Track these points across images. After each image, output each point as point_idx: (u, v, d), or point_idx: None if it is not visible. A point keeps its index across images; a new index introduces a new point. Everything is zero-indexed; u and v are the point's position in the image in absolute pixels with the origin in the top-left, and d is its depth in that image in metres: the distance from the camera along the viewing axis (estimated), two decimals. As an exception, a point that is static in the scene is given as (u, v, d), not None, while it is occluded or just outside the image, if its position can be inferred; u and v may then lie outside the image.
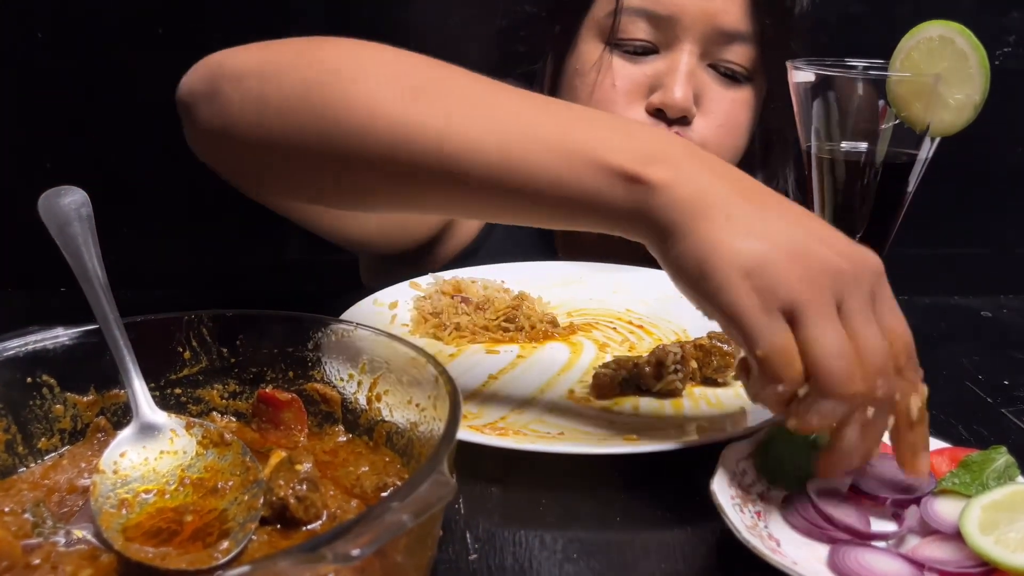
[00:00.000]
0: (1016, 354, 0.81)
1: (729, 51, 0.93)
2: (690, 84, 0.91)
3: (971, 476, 0.53)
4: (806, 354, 0.49)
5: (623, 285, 0.92)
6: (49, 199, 0.57)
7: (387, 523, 0.35)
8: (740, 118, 0.96)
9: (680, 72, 0.91)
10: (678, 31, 0.91)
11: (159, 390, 0.56)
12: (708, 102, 0.94)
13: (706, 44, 0.92)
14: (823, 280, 0.49)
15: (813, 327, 0.48)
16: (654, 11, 0.92)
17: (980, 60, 0.60)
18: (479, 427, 0.62)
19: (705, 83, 0.93)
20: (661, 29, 0.92)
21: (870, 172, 0.66)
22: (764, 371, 0.50)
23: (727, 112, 0.95)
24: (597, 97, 0.94)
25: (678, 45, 0.92)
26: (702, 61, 0.93)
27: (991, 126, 1.37)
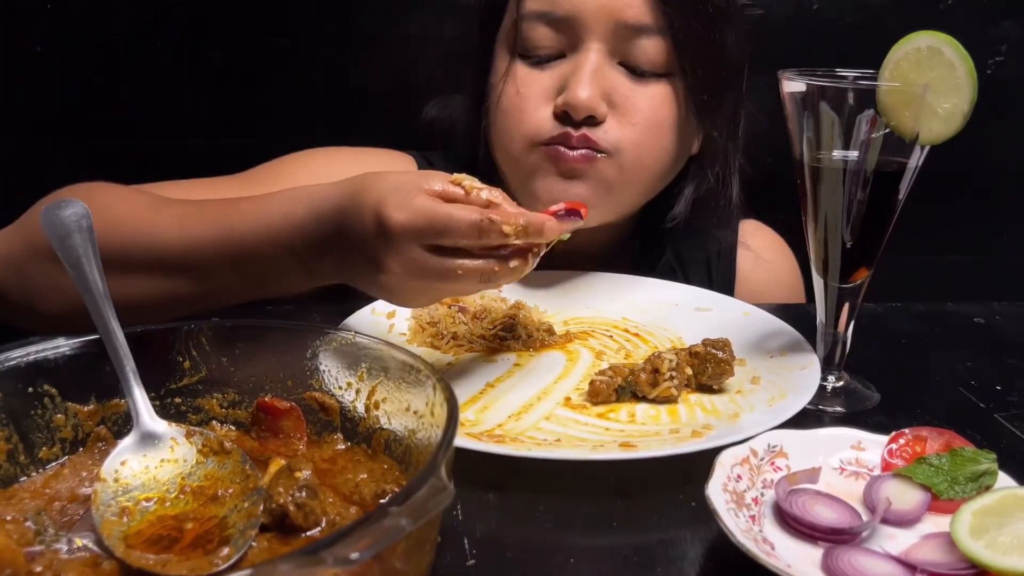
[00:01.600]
0: (1009, 360, 0.82)
1: (638, 46, 0.88)
2: (595, 83, 0.87)
3: (944, 471, 0.54)
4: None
5: (619, 294, 0.92)
6: (50, 212, 0.58)
7: (386, 527, 0.35)
8: (659, 115, 0.91)
9: (584, 71, 0.87)
10: (580, 31, 0.88)
11: (159, 400, 0.56)
12: (621, 100, 0.89)
13: (613, 41, 0.88)
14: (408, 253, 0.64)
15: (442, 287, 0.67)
16: (552, 13, 0.89)
17: (968, 70, 0.61)
18: (476, 434, 0.63)
19: (617, 82, 0.89)
20: (563, 31, 0.89)
21: (861, 180, 0.66)
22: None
23: (643, 110, 0.89)
24: (504, 107, 0.92)
25: (583, 45, 0.88)
26: (612, 59, 0.89)
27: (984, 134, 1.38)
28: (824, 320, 0.73)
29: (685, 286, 0.93)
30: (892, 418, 0.69)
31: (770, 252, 1.11)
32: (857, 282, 0.71)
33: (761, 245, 1.10)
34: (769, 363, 0.74)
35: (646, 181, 0.94)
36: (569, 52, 0.90)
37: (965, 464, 0.54)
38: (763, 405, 0.67)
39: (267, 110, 1.36)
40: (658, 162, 0.93)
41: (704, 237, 1.05)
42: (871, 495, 0.54)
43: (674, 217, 1.00)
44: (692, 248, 1.06)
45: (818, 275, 0.72)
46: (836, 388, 0.73)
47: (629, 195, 0.94)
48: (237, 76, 1.33)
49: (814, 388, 0.68)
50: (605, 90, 0.88)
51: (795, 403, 0.65)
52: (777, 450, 0.57)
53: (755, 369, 0.74)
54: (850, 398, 0.72)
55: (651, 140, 0.91)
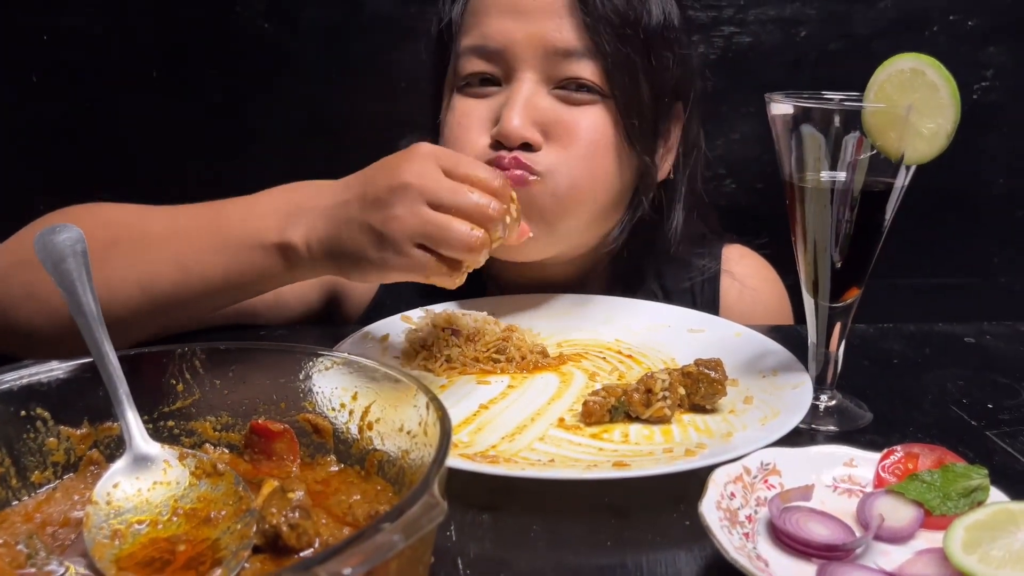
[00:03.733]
0: (999, 378, 0.82)
1: (570, 70, 0.90)
2: (527, 112, 0.88)
3: (936, 487, 0.54)
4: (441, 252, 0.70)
5: (612, 316, 0.93)
6: (44, 237, 0.58)
7: (378, 543, 0.35)
8: (595, 137, 0.91)
9: (516, 101, 0.88)
10: (512, 62, 0.90)
11: (152, 423, 0.56)
12: (556, 126, 0.90)
13: (545, 68, 0.90)
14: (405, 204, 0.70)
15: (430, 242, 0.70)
16: (484, 46, 0.91)
17: (951, 91, 0.62)
18: (470, 455, 0.63)
19: (550, 109, 0.90)
20: (496, 62, 0.91)
21: (849, 201, 0.67)
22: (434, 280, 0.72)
23: (579, 133, 0.90)
24: (446, 138, 0.94)
25: (516, 75, 0.90)
26: (546, 86, 0.91)
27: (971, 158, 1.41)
28: (815, 340, 0.73)
29: (677, 308, 0.93)
30: (884, 436, 0.69)
31: (755, 279, 1.09)
32: (847, 301, 0.71)
33: (746, 272, 1.09)
34: (761, 383, 0.75)
35: (584, 208, 0.93)
36: (505, 82, 0.92)
37: (957, 480, 0.54)
38: (756, 424, 0.67)
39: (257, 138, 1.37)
40: (593, 187, 0.92)
41: (687, 266, 1.05)
42: (864, 512, 0.54)
43: (608, 242, 1.00)
44: (675, 277, 1.06)
45: (808, 295, 0.72)
46: (828, 407, 0.73)
47: (569, 225, 0.93)
48: (229, 105, 1.35)
49: (806, 407, 0.68)
50: (538, 119, 0.89)
51: (788, 422, 0.65)
52: (770, 468, 0.57)
53: (748, 389, 0.74)
54: (842, 417, 0.72)
55: (585, 163, 0.91)
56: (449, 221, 0.70)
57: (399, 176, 0.71)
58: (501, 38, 0.90)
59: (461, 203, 0.70)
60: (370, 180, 0.74)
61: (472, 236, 0.69)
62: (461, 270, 0.72)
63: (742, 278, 1.07)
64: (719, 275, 1.06)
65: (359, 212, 0.72)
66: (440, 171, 0.72)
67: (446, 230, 0.69)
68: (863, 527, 0.53)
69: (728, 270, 1.07)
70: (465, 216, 0.70)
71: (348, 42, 1.34)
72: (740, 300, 1.06)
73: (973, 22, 1.36)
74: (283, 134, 1.37)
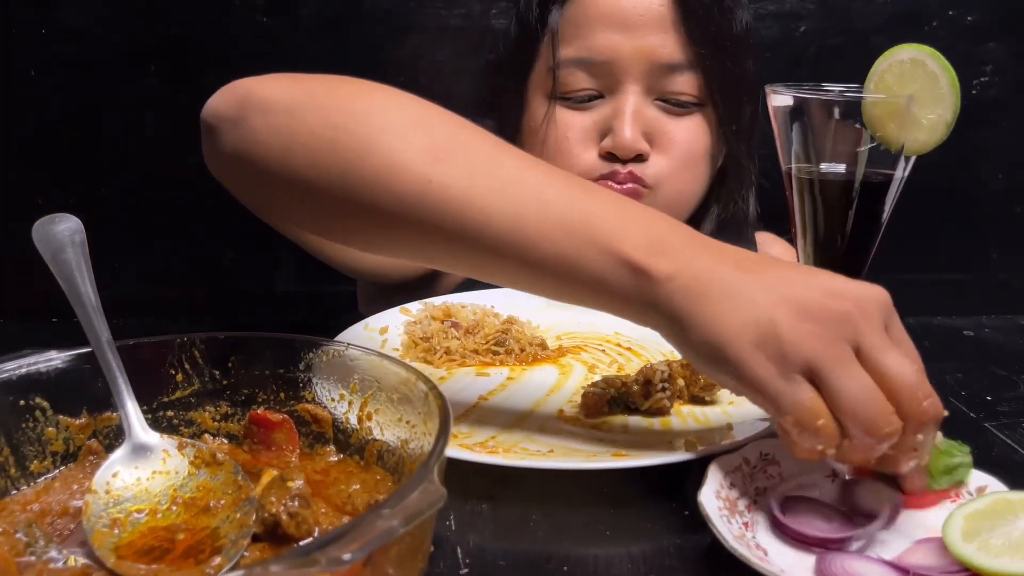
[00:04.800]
0: (998, 371, 0.82)
1: (673, 82, 0.93)
2: (638, 123, 0.92)
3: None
4: (836, 408, 0.49)
5: (611, 309, 0.93)
6: (43, 226, 0.58)
7: (378, 529, 0.35)
8: (696, 147, 0.96)
9: (626, 114, 0.92)
10: (618, 74, 0.92)
11: (151, 413, 0.56)
12: (661, 137, 0.94)
13: (649, 80, 0.93)
14: (833, 330, 0.50)
15: (835, 380, 0.49)
16: (590, 59, 0.93)
17: (950, 81, 0.62)
18: (470, 445, 0.63)
19: (655, 119, 0.94)
20: (601, 76, 0.93)
21: (849, 192, 0.67)
22: (801, 434, 0.50)
23: (682, 143, 0.95)
24: (549, 150, 0.95)
25: (621, 87, 0.93)
26: (648, 97, 0.94)
27: (970, 153, 1.41)
28: (814, 332, 0.73)
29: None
30: (883, 428, 0.69)
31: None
32: (846, 293, 0.71)
33: (779, 253, 1.13)
34: (761, 375, 0.75)
35: (683, 210, 1.00)
36: (608, 93, 0.95)
37: (940, 457, 0.54)
38: (755, 415, 0.67)
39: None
40: (694, 192, 1.00)
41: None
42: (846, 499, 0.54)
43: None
44: None
45: (808, 287, 0.72)
46: (828, 399, 0.73)
47: None
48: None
49: (806, 398, 0.68)
50: (645, 129, 0.93)
51: (787, 413, 0.65)
52: (769, 458, 0.57)
53: (747, 381, 0.74)
54: (842, 409, 0.72)
55: (688, 172, 0.96)
56: (864, 373, 0.50)
57: (842, 300, 0.51)
58: (608, 52, 0.92)
59: (894, 366, 0.50)
60: (800, 283, 0.53)
61: (885, 405, 0.49)
62: (828, 445, 0.50)
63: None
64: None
65: (764, 300, 0.51)
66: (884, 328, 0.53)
67: (858, 378, 0.49)
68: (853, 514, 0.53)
69: (764, 252, 1.10)
70: (888, 387, 0.50)
71: (347, 36, 1.34)
72: None
73: (972, 17, 1.36)
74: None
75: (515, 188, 0.57)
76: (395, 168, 0.57)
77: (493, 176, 0.58)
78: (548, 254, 0.56)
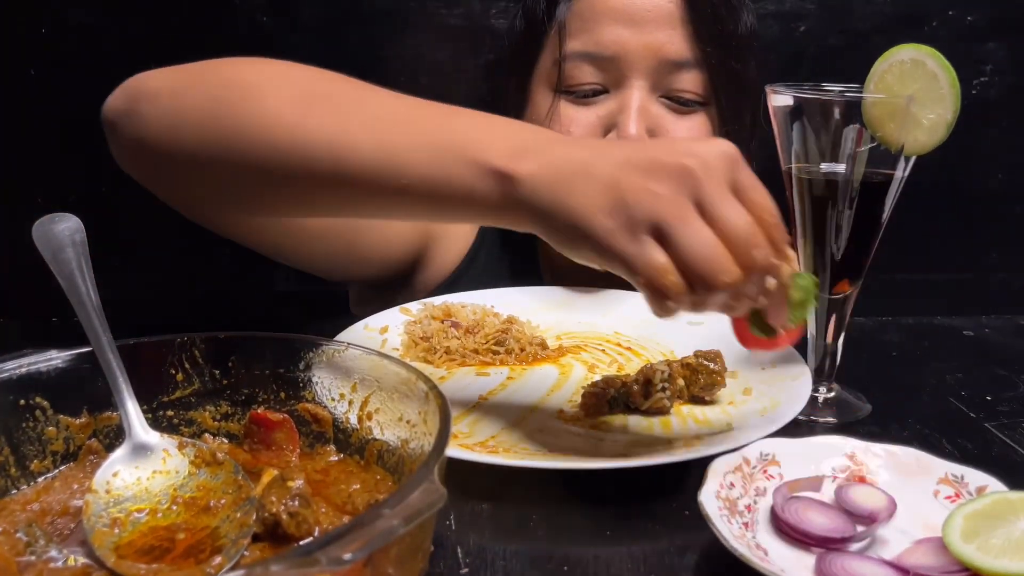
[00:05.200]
0: (998, 371, 0.82)
1: (679, 80, 0.92)
2: (643, 119, 0.91)
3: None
4: (679, 263, 0.52)
5: (611, 308, 0.93)
6: (43, 225, 0.58)
7: (379, 528, 0.35)
8: None
9: (632, 109, 0.90)
10: (624, 69, 0.91)
11: (151, 412, 0.56)
12: (664, 134, 0.93)
13: (655, 77, 0.92)
14: (673, 187, 0.53)
15: (677, 235, 0.52)
16: (597, 53, 0.92)
17: (951, 81, 0.62)
18: (470, 445, 0.63)
19: (659, 115, 0.93)
20: (607, 70, 0.92)
21: (849, 192, 0.67)
22: (652, 292, 0.53)
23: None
24: None
25: (626, 83, 0.92)
26: (653, 94, 0.93)
27: (971, 153, 1.41)
28: (815, 331, 0.73)
29: (676, 301, 0.93)
30: (883, 428, 0.70)
31: None
32: (846, 293, 0.71)
33: None
34: (761, 374, 0.75)
35: None
36: (613, 88, 0.93)
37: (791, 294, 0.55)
38: (755, 415, 0.67)
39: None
40: None
41: None
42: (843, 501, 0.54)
43: None
44: None
45: (808, 286, 0.72)
46: (827, 399, 0.73)
47: None
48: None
49: (805, 398, 0.68)
50: (649, 125, 0.92)
51: (787, 413, 0.65)
52: (770, 458, 0.57)
53: (747, 380, 0.74)
54: (841, 409, 0.72)
55: None
56: (704, 226, 0.52)
57: (682, 156, 0.54)
58: (615, 47, 0.91)
59: (730, 218, 0.52)
60: (643, 147, 0.56)
61: (723, 257, 0.52)
62: (678, 300, 0.53)
63: None
64: None
65: (610, 167, 0.54)
66: (728, 181, 0.55)
67: (697, 232, 0.52)
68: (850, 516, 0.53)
69: None
70: (726, 238, 0.53)
71: (347, 36, 1.34)
72: None
73: (972, 17, 1.36)
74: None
75: (383, 121, 0.61)
76: (268, 121, 0.62)
77: (361, 113, 0.62)
78: (420, 176, 0.59)
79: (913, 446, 0.58)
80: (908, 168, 0.67)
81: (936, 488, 0.56)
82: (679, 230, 0.52)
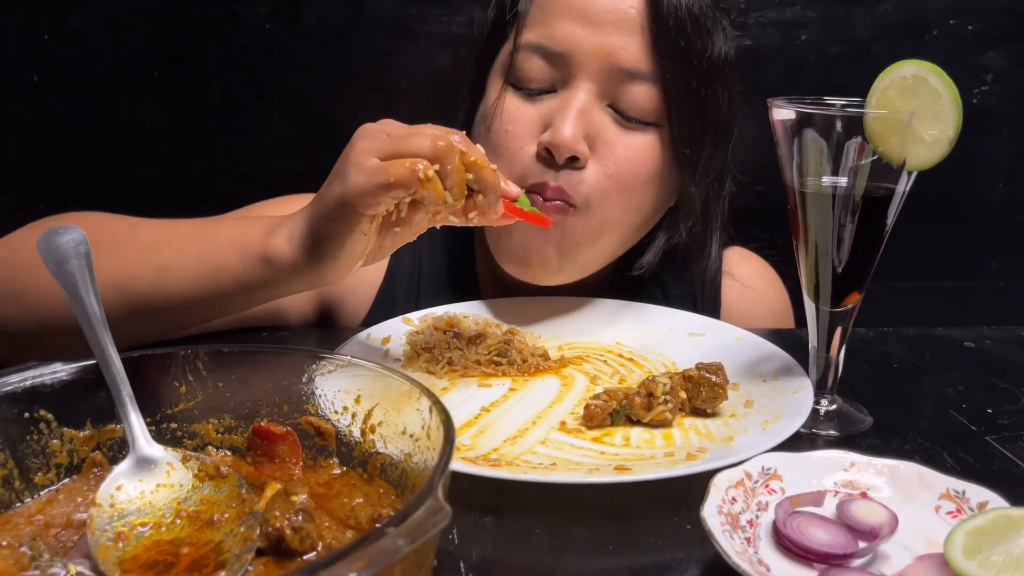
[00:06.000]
0: (999, 383, 0.82)
1: (630, 91, 0.87)
2: (581, 123, 0.86)
3: None
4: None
5: (613, 320, 0.93)
6: (48, 238, 0.58)
7: (383, 547, 0.36)
8: (640, 167, 0.89)
9: (571, 109, 0.86)
10: (573, 68, 0.87)
11: (155, 425, 0.56)
12: (603, 146, 0.87)
13: (604, 83, 0.87)
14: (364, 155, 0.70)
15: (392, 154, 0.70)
16: (548, 47, 0.88)
17: (952, 97, 0.62)
18: (472, 458, 0.63)
19: (602, 125, 0.88)
20: (557, 66, 0.88)
21: (850, 206, 0.67)
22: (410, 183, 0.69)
23: (622, 159, 0.88)
24: (494, 139, 0.90)
25: (573, 83, 0.87)
26: (601, 101, 0.88)
27: (972, 163, 1.41)
28: (816, 344, 0.73)
29: (678, 311, 0.94)
30: (885, 441, 0.70)
31: (756, 280, 1.10)
32: (848, 306, 0.71)
33: (747, 273, 1.09)
34: (762, 387, 0.75)
35: (614, 238, 0.93)
36: (560, 87, 0.89)
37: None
38: (757, 428, 0.67)
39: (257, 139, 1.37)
40: (627, 219, 0.92)
41: (688, 270, 1.05)
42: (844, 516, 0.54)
43: (641, 266, 0.99)
44: (677, 281, 1.06)
45: (810, 300, 0.72)
46: (829, 412, 0.73)
47: (598, 252, 0.93)
48: (229, 106, 1.35)
49: (807, 411, 0.68)
50: (589, 131, 0.87)
51: (789, 426, 0.65)
52: (771, 472, 0.57)
53: (748, 393, 0.75)
54: (843, 421, 0.72)
55: (623, 195, 0.89)
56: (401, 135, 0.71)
57: (349, 149, 0.72)
58: (567, 43, 0.87)
59: (412, 141, 0.70)
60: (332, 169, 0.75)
61: (432, 136, 0.70)
62: (428, 168, 0.69)
63: (743, 279, 1.07)
64: (720, 277, 1.07)
65: (324, 192, 0.73)
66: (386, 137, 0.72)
67: (402, 140, 0.70)
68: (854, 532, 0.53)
69: (729, 272, 1.07)
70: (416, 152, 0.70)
71: (349, 43, 1.34)
72: (741, 301, 1.06)
73: (973, 26, 1.36)
74: (284, 135, 1.37)
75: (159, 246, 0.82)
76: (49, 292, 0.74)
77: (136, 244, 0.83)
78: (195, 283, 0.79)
79: (914, 459, 0.59)
80: (910, 182, 0.67)
81: (938, 503, 0.56)
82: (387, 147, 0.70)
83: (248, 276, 0.77)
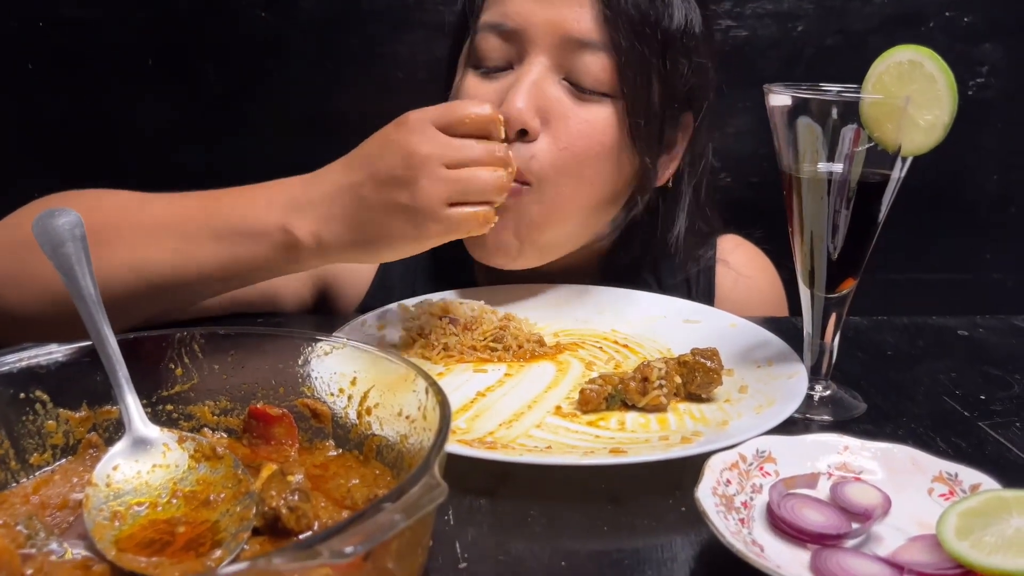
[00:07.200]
0: (992, 370, 0.83)
1: (582, 61, 0.86)
2: (532, 96, 0.85)
3: None
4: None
5: (609, 306, 0.93)
6: (43, 220, 0.58)
7: (380, 522, 0.36)
8: (592, 139, 0.87)
9: (523, 83, 0.85)
10: (527, 43, 0.87)
11: (151, 407, 0.56)
12: (556, 119, 0.86)
13: (558, 55, 0.86)
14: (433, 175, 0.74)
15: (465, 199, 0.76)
16: (502, 24, 0.88)
17: (948, 82, 0.62)
18: (468, 441, 0.63)
19: (557, 99, 0.87)
20: (512, 43, 0.88)
21: (846, 192, 0.67)
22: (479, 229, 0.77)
23: (575, 132, 0.87)
24: None
25: (528, 58, 0.87)
26: (556, 75, 0.87)
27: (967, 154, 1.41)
28: (811, 330, 0.73)
29: (673, 299, 0.94)
30: (878, 426, 0.70)
31: (750, 268, 1.10)
32: (843, 292, 0.72)
33: (740, 261, 1.09)
34: (757, 372, 0.75)
35: (573, 218, 0.91)
36: (516, 64, 0.89)
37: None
38: (751, 412, 0.68)
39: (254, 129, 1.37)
40: (582, 197, 0.90)
41: (682, 258, 1.05)
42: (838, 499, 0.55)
43: (601, 238, 0.99)
44: (670, 268, 1.05)
45: (804, 286, 0.73)
46: (823, 397, 0.73)
47: (558, 235, 0.92)
48: (225, 96, 1.34)
49: (802, 396, 0.68)
50: (543, 105, 0.86)
51: (783, 410, 0.65)
52: (766, 455, 0.58)
53: (743, 378, 0.75)
54: (837, 407, 0.73)
55: (576, 169, 0.88)
56: (474, 172, 0.75)
57: (406, 148, 0.74)
58: (519, 18, 0.87)
59: (475, 155, 0.75)
60: (375, 159, 0.76)
61: (498, 177, 0.76)
62: (492, 214, 0.77)
63: (737, 267, 1.08)
64: (714, 265, 1.07)
65: (377, 194, 0.75)
66: (439, 132, 0.75)
67: (475, 181, 0.75)
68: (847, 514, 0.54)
69: (723, 259, 1.08)
70: (481, 164, 0.76)
71: (346, 34, 1.34)
72: (735, 288, 1.07)
73: (969, 18, 1.37)
74: (280, 125, 1.37)
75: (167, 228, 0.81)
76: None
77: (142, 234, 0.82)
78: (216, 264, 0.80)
79: (908, 444, 0.59)
80: (905, 168, 0.67)
81: (930, 486, 0.56)
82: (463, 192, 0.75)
83: (266, 259, 0.79)
